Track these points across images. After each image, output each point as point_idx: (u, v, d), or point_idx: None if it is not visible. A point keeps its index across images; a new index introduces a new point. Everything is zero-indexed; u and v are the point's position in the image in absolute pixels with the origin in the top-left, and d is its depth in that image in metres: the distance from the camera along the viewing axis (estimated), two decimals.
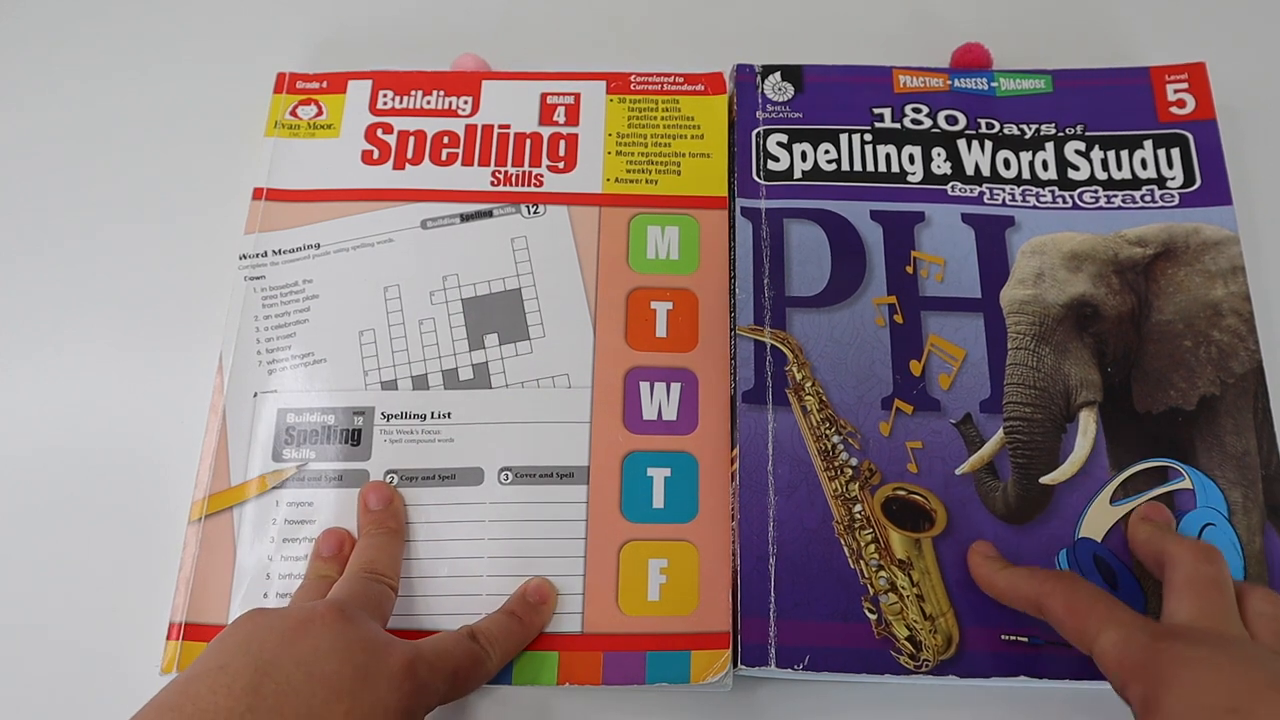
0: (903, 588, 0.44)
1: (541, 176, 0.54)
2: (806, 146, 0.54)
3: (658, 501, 0.47)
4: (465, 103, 0.56)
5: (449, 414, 0.49)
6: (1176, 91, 0.54)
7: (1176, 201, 0.52)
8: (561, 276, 0.51)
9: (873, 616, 0.44)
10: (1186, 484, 0.46)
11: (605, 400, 0.49)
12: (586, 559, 0.46)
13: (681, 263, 0.52)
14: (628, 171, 0.54)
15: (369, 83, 0.57)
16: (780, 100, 0.55)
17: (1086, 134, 0.54)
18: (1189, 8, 0.60)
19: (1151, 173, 0.52)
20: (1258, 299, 0.49)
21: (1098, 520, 0.45)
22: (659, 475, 0.47)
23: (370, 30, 0.61)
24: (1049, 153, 0.53)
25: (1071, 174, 0.53)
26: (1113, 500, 0.46)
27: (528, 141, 0.55)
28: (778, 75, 0.56)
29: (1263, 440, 0.47)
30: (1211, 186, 0.52)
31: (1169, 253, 0.50)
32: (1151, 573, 0.42)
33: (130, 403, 0.51)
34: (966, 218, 0.51)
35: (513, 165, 0.54)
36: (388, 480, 0.47)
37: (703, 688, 0.43)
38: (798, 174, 0.53)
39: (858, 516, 0.46)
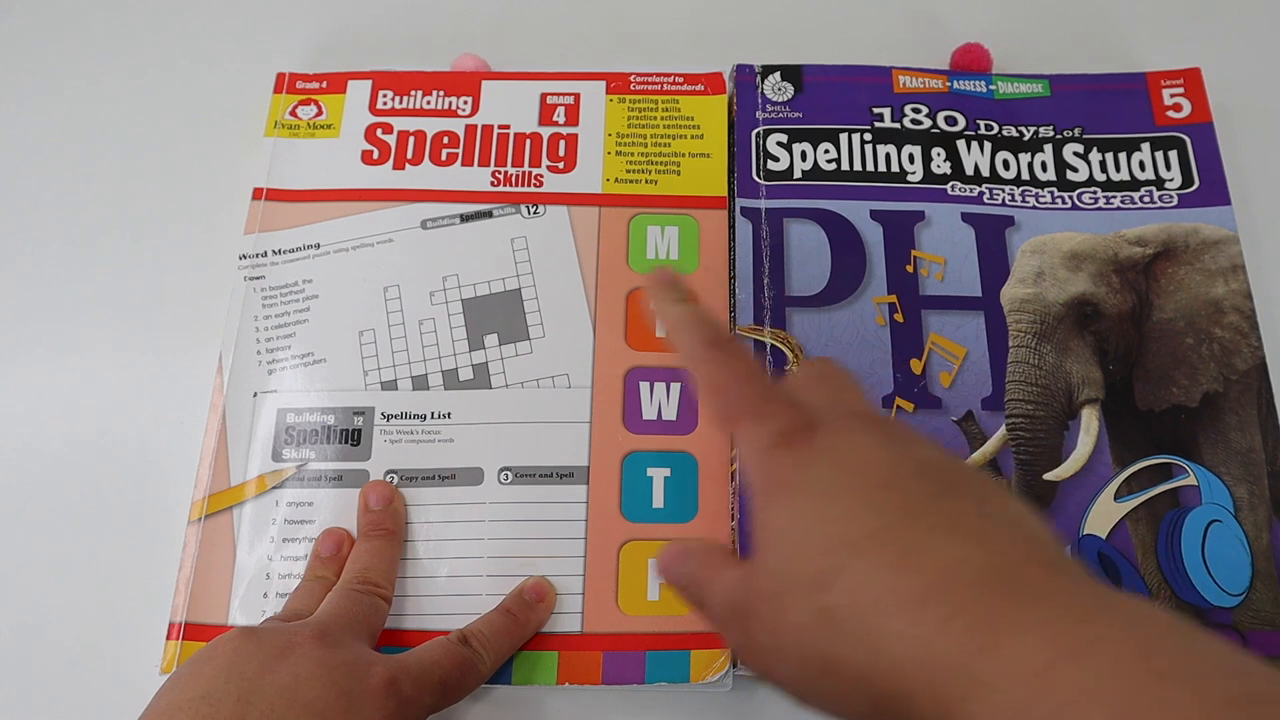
0: None
1: (541, 177, 0.54)
2: (806, 146, 0.54)
3: (658, 501, 0.47)
4: (465, 103, 0.56)
5: (449, 414, 0.48)
6: (1172, 96, 0.54)
7: (1175, 202, 0.52)
8: (561, 277, 0.51)
9: None
10: (1191, 480, 0.46)
11: (605, 400, 0.49)
12: (586, 559, 0.46)
13: (681, 263, 0.52)
14: (627, 171, 0.54)
15: (369, 83, 0.57)
16: (780, 100, 0.55)
17: (1084, 136, 0.54)
18: (1186, 13, 0.60)
19: (1150, 174, 0.53)
20: (1259, 297, 0.49)
21: (1102, 517, 0.45)
22: (659, 475, 0.47)
23: (370, 30, 0.61)
24: (1048, 154, 0.53)
25: (1070, 175, 0.53)
26: (1117, 497, 0.46)
27: (527, 142, 0.55)
28: (778, 75, 0.56)
29: (1268, 436, 0.47)
30: (1210, 187, 0.52)
31: (1169, 252, 0.50)
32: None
33: (130, 402, 0.51)
34: (966, 217, 0.52)
35: (513, 165, 0.54)
36: (388, 480, 0.47)
37: (702, 687, 0.43)
38: (797, 174, 0.53)
39: None
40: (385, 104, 0.56)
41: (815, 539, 0.27)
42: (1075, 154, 0.53)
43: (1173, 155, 0.53)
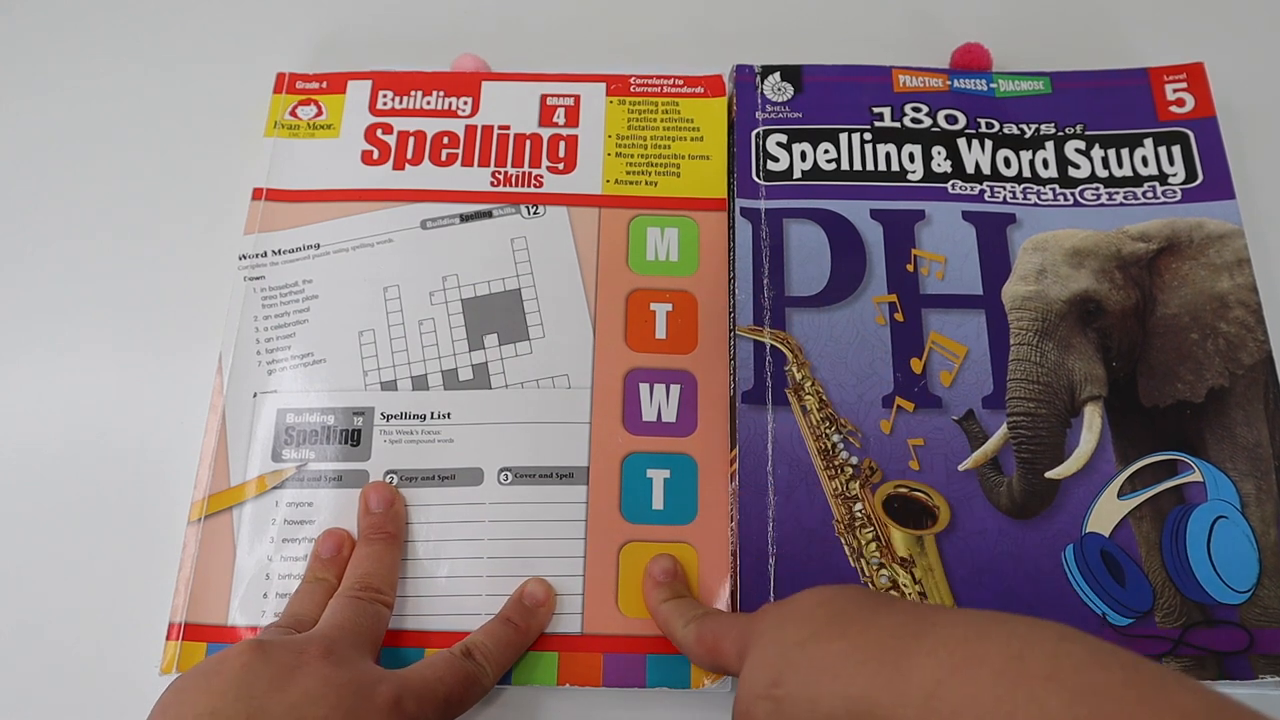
0: (905, 586, 0.44)
1: (541, 177, 0.54)
2: (806, 146, 0.54)
3: (657, 503, 0.47)
4: (465, 103, 0.56)
5: (449, 414, 0.48)
6: (1175, 91, 0.54)
7: (1179, 197, 0.52)
8: (561, 277, 0.51)
9: None
10: (1196, 476, 0.46)
11: (605, 401, 0.48)
12: (586, 560, 0.45)
13: (681, 264, 0.52)
14: (627, 173, 0.54)
15: (369, 83, 0.57)
16: (780, 100, 0.55)
17: (1086, 133, 0.54)
18: (1187, 10, 0.60)
19: (1153, 170, 0.53)
20: (1265, 290, 0.49)
21: (1105, 515, 0.45)
22: (658, 476, 0.47)
23: (370, 30, 0.61)
24: (1049, 151, 0.53)
25: (1072, 172, 0.53)
26: (1120, 494, 0.45)
27: (527, 142, 0.55)
28: (777, 75, 0.56)
29: (1275, 431, 0.47)
30: (1213, 182, 0.52)
31: (1173, 247, 0.50)
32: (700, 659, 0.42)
33: (130, 403, 0.51)
34: (967, 215, 0.51)
35: (512, 166, 0.54)
36: (387, 480, 0.47)
37: (702, 691, 0.43)
38: (797, 174, 0.53)
39: (858, 515, 0.45)
40: (385, 104, 0.56)
41: (770, 656, 0.35)
42: (1077, 151, 0.53)
43: (1176, 150, 0.53)
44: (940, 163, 0.53)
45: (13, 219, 0.56)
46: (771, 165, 0.53)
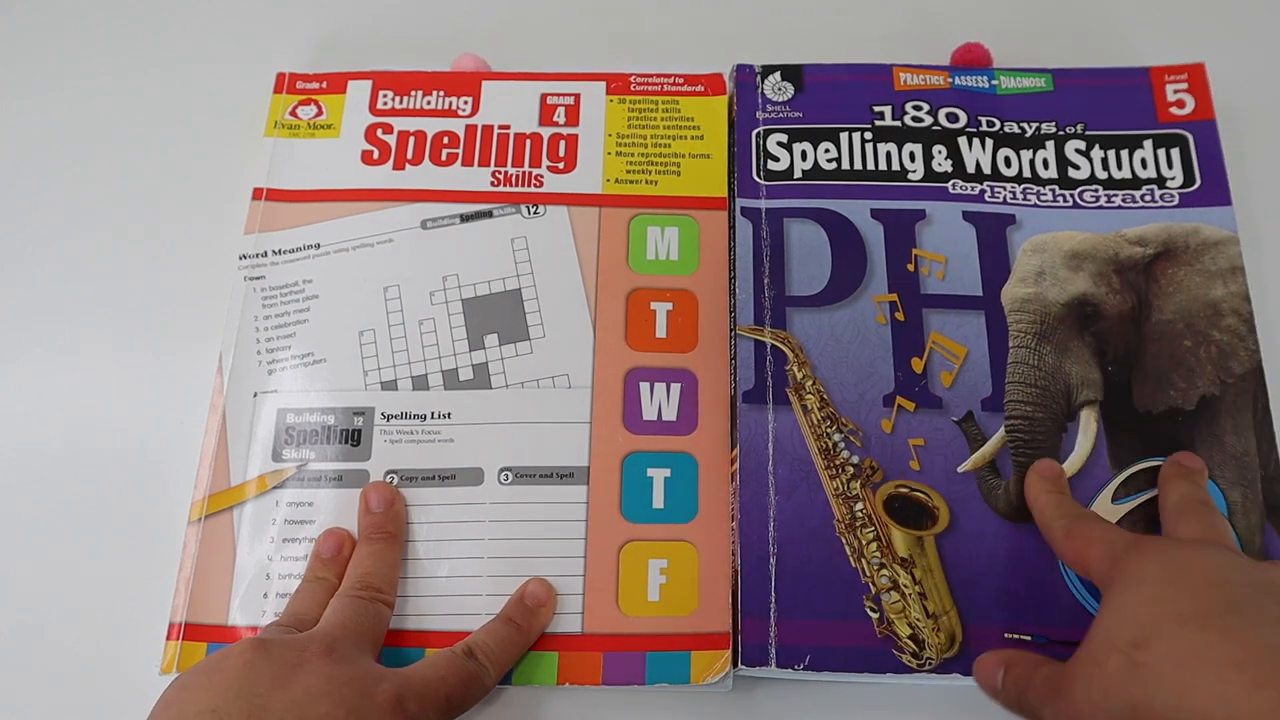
0: (905, 586, 0.44)
1: (541, 177, 0.54)
2: (806, 146, 0.54)
3: (658, 502, 0.47)
4: (465, 103, 0.56)
5: (449, 414, 0.48)
6: (1176, 92, 0.54)
7: (1176, 201, 0.52)
8: (561, 277, 0.51)
9: (874, 615, 0.44)
10: None
11: (605, 401, 0.48)
12: (586, 559, 0.46)
13: (681, 263, 0.52)
14: (627, 172, 0.54)
15: (369, 83, 0.57)
16: (780, 100, 0.55)
17: (1087, 133, 0.54)
18: (1189, 7, 0.60)
19: (1151, 172, 0.52)
20: (1257, 299, 0.49)
21: None
22: (659, 475, 0.47)
23: (370, 30, 0.61)
24: (1049, 151, 0.53)
25: (1072, 173, 0.53)
26: (1115, 498, 0.46)
27: (528, 142, 0.55)
28: (778, 75, 0.56)
29: (1262, 440, 0.47)
30: (1211, 187, 0.52)
31: (1169, 252, 0.50)
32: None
33: (130, 403, 0.51)
34: (967, 215, 0.51)
35: (513, 165, 0.54)
36: (388, 480, 0.47)
37: (703, 688, 0.43)
38: (798, 173, 0.53)
39: (859, 515, 0.45)
40: (385, 104, 0.56)
41: (1141, 613, 0.33)
42: (1077, 151, 0.53)
43: (1175, 153, 0.53)
44: (941, 162, 0.53)
45: (13, 219, 0.56)
46: (772, 165, 0.53)
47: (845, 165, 0.53)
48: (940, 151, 0.53)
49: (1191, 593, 0.33)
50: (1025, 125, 0.54)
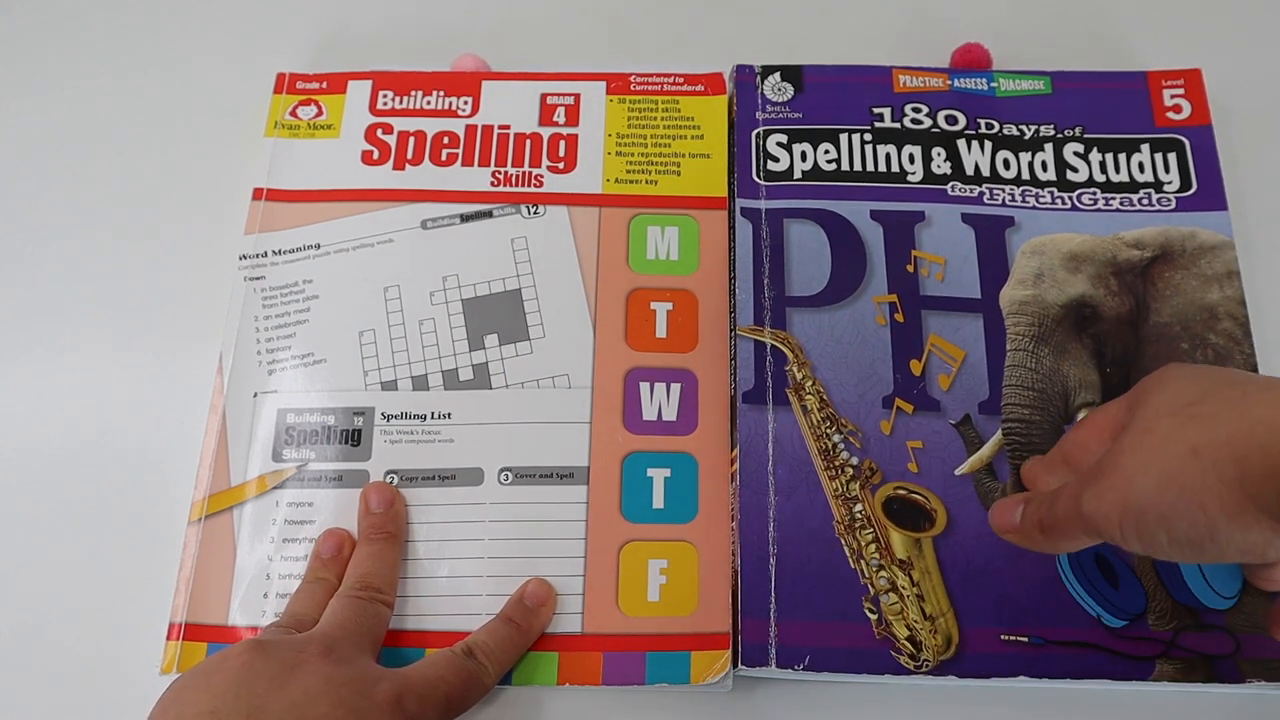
0: (903, 587, 0.44)
1: (541, 177, 0.54)
2: (806, 146, 0.54)
3: (658, 502, 0.47)
4: (465, 103, 0.56)
5: (449, 414, 0.49)
6: (1173, 97, 0.54)
7: (1173, 205, 0.52)
8: (561, 277, 0.51)
9: (873, 616, 0.44)
10: None
11: (605, 401, 0.49)
12: (586, 559, 0.46)
13: (681, 263, 0.52)
14: (627, 172, 0.54)
15: (369, 83, 0.57)
16: (780, 100, 0.55)
17: (1085, 136, 0.54)
18: (1187, 11, 0.60)
19: (1148, 176, 0.53)
20: (1252, 304, 0.49)
21: None
22: (659, 476, 0.47)
23: (370, 30, 0.61)
24: (1048, 154, 0.53)
25: (1070, 175, 0.53)
26: None
27: (528, 142, 0.55)
28: (778, 75, 0.56)
29: None
30: (1207, 191, 0.52)
31: (1166, 256, 0.50)
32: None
33: (130, 403, 0.51)
34: (966, 217, 0.52)
35: (513, 165, 0.54)
36: (388, 480, 0.47)
37: (703, 688, 0.43)
38: (797, 174, 0.53)
39: (858, 516, 0.46)
40: (385, 104, 0.56)
41: (1183, 390, 0.34)
42: (1075, 154, 0.53)
43: (1172, 157, 0.53)
44: (940, 164, 0.53)
45: (13, 219, 0.56)
46: (772, 165, 0.53)
47: (845, 166, 0.53)
48: (939, 154, 0.53)
49: (1224, 372, 0.35)
50: (1024, 128, 0.54)
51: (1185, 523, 0.32)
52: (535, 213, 0.53)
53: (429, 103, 0.56)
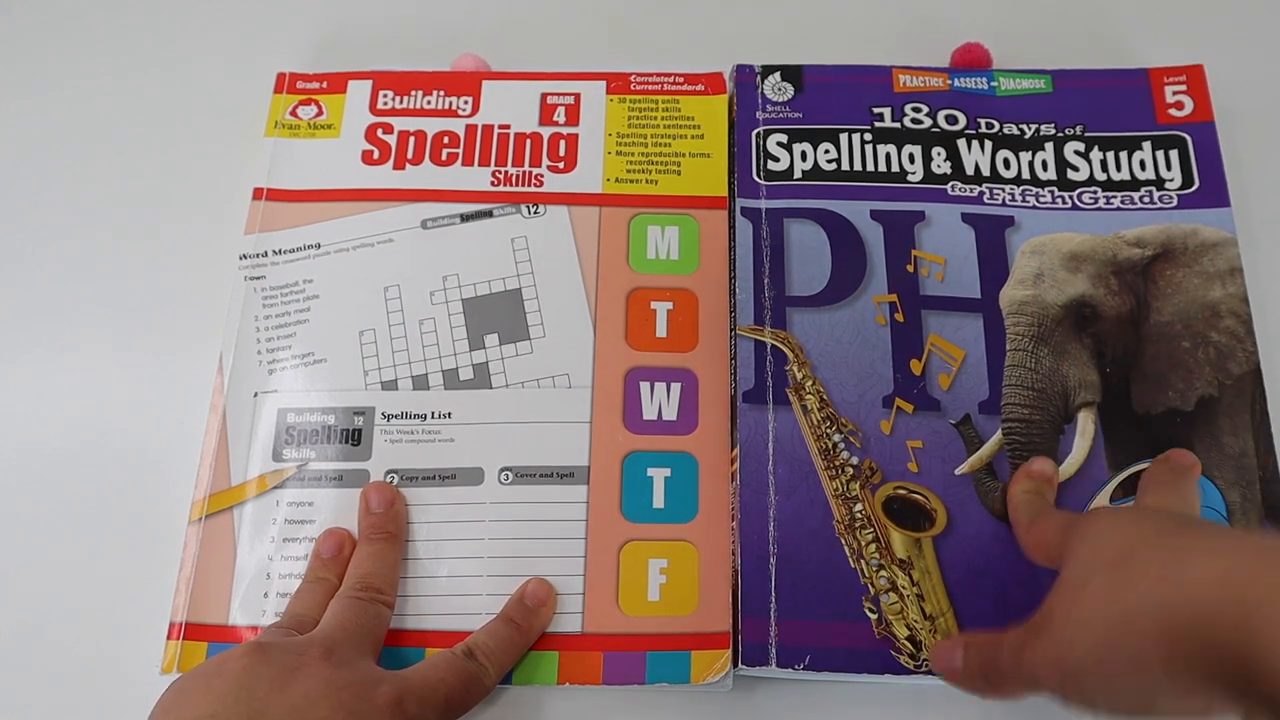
0: (903, 587, 0.44)
1: (541, 176, 0.54)
2: (806, 146, 0.54)
3: (658, 501, 0.47)
4: (465, 103, 0.56)
5: (449, 414, 0.49)
6: (1175, 94, 0.54)
7: (1175, 203, 0.52)
8: (561, 276, 0.51)
9: (873, 616, 0.44)
10: None
11: (605, 400, 0.49)
12: (586, 559, 0.46)
13: (681, 263, 0.52)
14: (628, 171, 0.54)
15: (369, 83, 0.57)
16: (780, 100, 0.55)
17: (1086, 134, 0.54)
18: (1187, 10, 0.60)
19: (1150, 174, 0.53)
20: (1255, 301, 0.49)
21: None
22: (659, 475, 0.47)
23: (370, 30, 0.61)
24: (1049, 153, 0.53)
25: (1071, 174, 0.53)
26: (1113, 499, 0.46)
27: (528, 141, 0.55)
28: (778, 75, 0.56)
29: (1260, 441, 0.47)
30: (1209, 188, 0.52)
31: (1167, 254, 0.50)
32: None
33: (130, 403, 0.51)
34: (966, 217, 0.52)
35: (513, 165, 0.54)
36: (388, 480, 0.47)
37: (703, 688, 0.43)
38: (798, 174, 0.53)
39: (858, 516, 0.46)
40: (385, 104, 0.56)
41: (1112, 542, 0.34)
42: (1076, 153, 0.53)
43: (1173, 155, 0.53)
44: (940, 164, 0.53)
45: (13, 219, 0.56)
46: (772, 165, 0.53)
47: (845, 166, 0.53)
48: (939, 153, 0.53)
49: (1158, 521, 0.35)
50: (1024, 127, 0.54)
51: (1127, 687, 0.32)
52: (535, 212, 0.53)
53: (429, 102, 0.56)
